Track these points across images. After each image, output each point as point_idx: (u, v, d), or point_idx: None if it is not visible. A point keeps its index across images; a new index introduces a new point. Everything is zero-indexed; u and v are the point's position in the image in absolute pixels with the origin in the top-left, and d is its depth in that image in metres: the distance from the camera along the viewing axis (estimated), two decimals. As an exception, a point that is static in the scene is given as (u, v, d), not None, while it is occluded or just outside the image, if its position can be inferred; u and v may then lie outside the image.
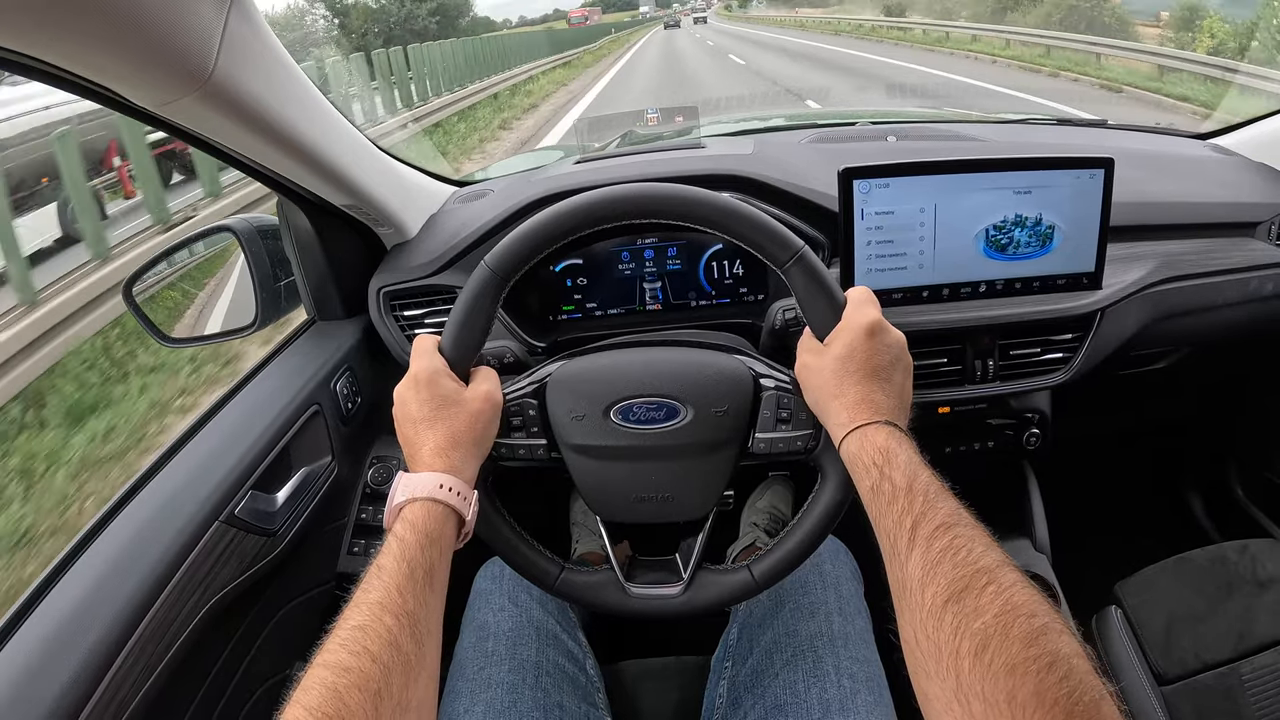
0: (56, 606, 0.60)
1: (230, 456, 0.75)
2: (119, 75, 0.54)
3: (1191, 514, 1.34)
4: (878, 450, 0.52)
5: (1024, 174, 0.79)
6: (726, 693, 0.73)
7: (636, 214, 0.62)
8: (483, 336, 0.62)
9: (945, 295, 0.83)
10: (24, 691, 0.54)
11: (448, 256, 0.92)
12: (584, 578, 0.66)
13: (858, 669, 0.69)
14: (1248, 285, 0.95)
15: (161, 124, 0.62)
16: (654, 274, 0.95)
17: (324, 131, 0.75)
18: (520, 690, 0.69)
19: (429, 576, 0.50)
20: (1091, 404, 1.05)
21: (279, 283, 0.96)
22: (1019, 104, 6.68)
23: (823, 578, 0.77)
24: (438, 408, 0.58)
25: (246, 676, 0.76)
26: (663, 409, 0.63)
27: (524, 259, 0.62)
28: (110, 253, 4.47)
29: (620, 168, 0.98)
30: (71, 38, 0.48)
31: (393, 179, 0.94)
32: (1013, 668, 0.37)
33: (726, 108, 5.65)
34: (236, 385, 0.87)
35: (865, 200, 0.79)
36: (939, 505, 0.47)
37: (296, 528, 0.80)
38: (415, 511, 0.52)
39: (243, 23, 0.59)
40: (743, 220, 0.61)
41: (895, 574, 0.46)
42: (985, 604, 0.40)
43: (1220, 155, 1.09)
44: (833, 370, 0.57)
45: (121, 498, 0.71)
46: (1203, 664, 0.87)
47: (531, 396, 0.65)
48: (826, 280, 0.60)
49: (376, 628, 0.45)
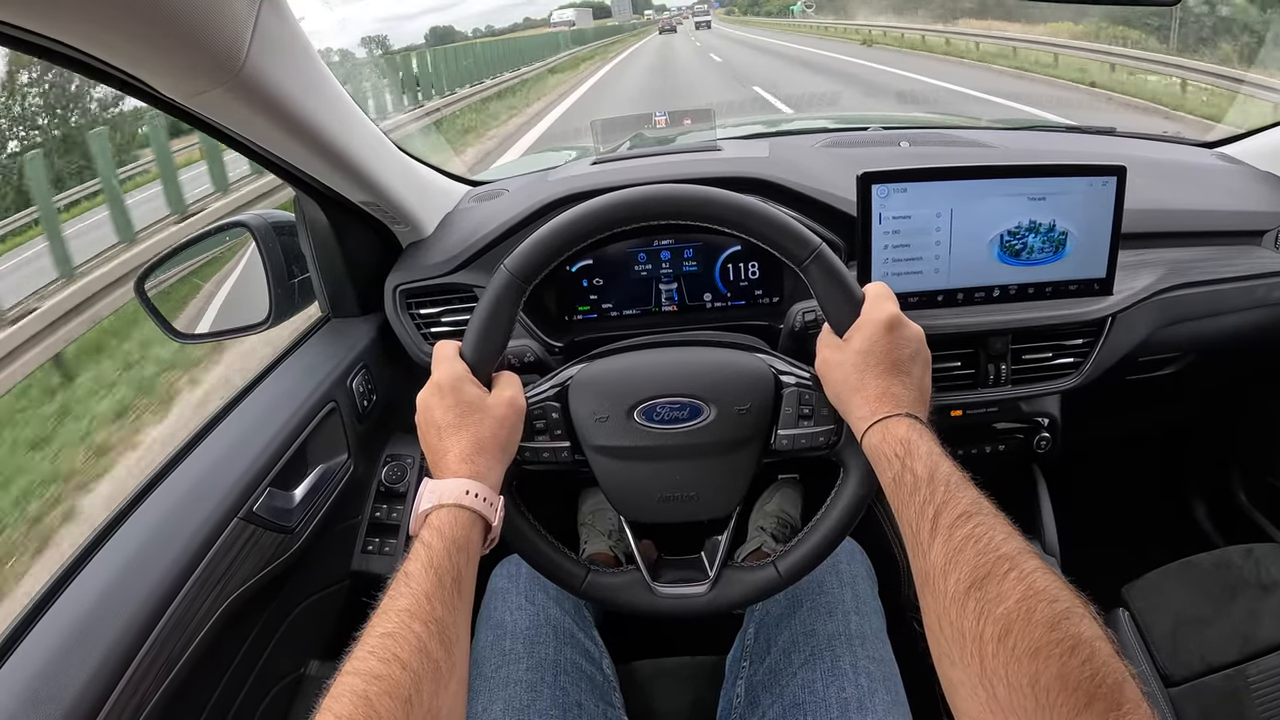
0: (75, 603, 0.60)
1: (248, 453, 0.75)
2: (150, 66, 0.54)
3: (1195, 519, 1.35)
4: (899, 442, 0.52)
5: (1038, 180, 0.80)
6: (744, 692, 0.73)
7: (657, 215, 0.62)
8: (504, 341, 0.62)
9: (960, 299, 0.84)
10: (44, 688, 0.53)
11: (465, 256, 0.92)
12: (610, 579, 0.66)
13: (875, 668, 0.69)
14: (1255, 292, 0.96)
15: (189, 116, 0.62)
16: (670, 275, 0.95)
17: (347, 127, 0.75)
18: (539, 689, 0.69)
19: (457, 583, 0.49)
20: (1100, 409, 1.06)
21: (293, 279, 0.96)
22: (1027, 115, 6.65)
23: (839, 576, 0.78)
24: (462, 414, 0.58)
25: (263, 673, 0.76)
26: (686, 408, 0.63)
27: (545, 262, 0.62)
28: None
29: (637, 169, 0.99)
30: (104, 25, 0.48)
31: (410, 177, 0.94)
32: (1036, 651, 0.38)
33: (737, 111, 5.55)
34: (253, 381, 0.86)
35: (883, 204, 0.79)
36: (960, 495, 0.48)
37: (313, 525, 0.79)
38: (442, 518, 0.52)
39: (274, 16, 0.59)
40: (762, 219, 0.61)
41: (918, 563, 0.47)
42: (1007, 590, 0.41)
43: (1227, 164, 1.11)
44: (853, 365, 0.58)
45: (139, 493, 0.70)
46: (1208, 666, 0.88)
47: (554, 399, 0.65)
48: (845, 276, 0.60)
49: (406, 635, 0.45)
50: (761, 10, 59.69)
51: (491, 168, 1.41)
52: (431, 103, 10.59)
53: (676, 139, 1.24)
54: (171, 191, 5.85)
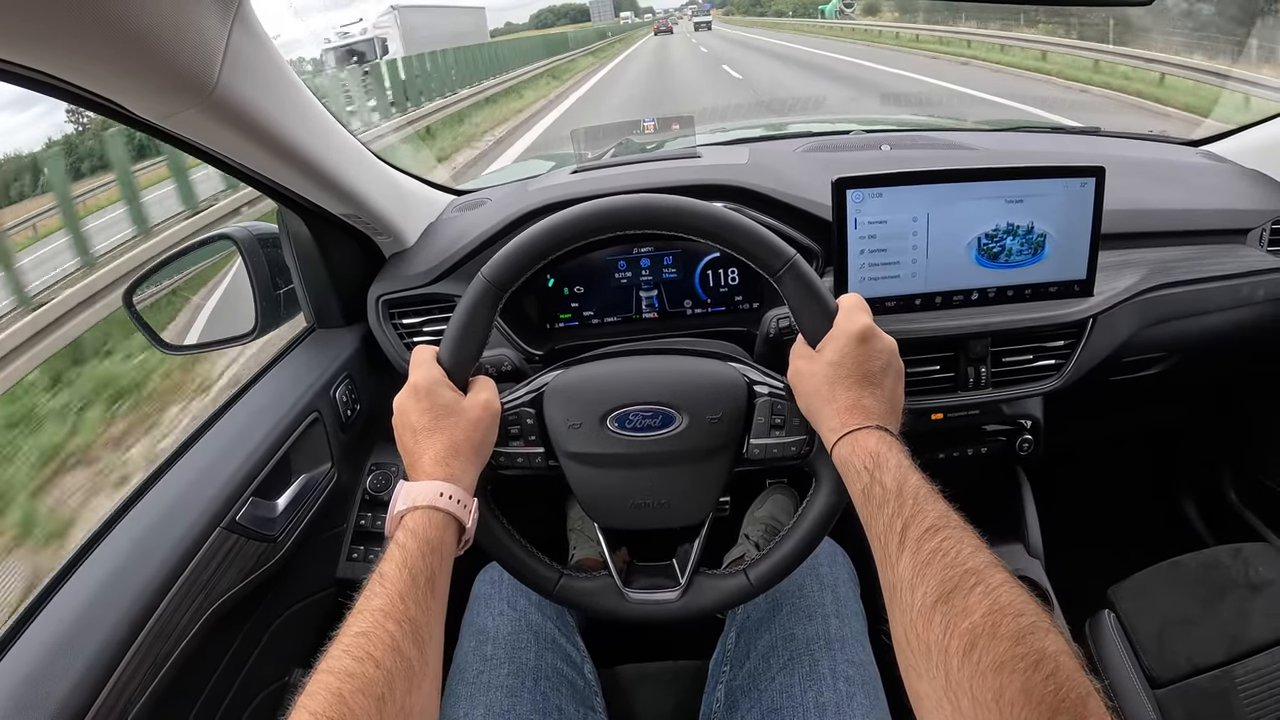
0: (60, 612, 0.61)
1: (231, 463, 0.76)
2: (123, 88, 0.55)
3: (1184, 518, 1.34)
4: (868, 454, 0.53)
5: (1016, 183, 0.80)
6: (724, 697, 0.73)
7: (631, 225, 0.63)
8: (480, 347, 0.63)
9: (938, 303, 0.84)
10: (28, 696, 0.54)
11: (446, 265, 0.93)
12: (582, 584, 0.67)
13: (854, 672, 0.69)
14: (1239, 291, 0.95)
15: (165, 135, 0.63)
16: (650, 282, 0.96)
17: (324, 141, 0.76)
18: (519, 694, 0.70)
19: (430, 583, 0.50)
20: (1084, 410, 1.05)
21: (279, 290, 0.97)
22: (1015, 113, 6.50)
23: (820, 580, 0.78)
24: (437, 417, 0.59)
25: (247, 682, 0.77)
26: (658, 416, 0.64)
27: (520, 270, 0.62)
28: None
29: (617, 177, 0.99)
30: (76, 51, 0.49)
31: (391, 188, 0.95)
32: (1000, 665, 0.38)
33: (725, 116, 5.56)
34: (237, 392, 0.88)
35: (858, 209, 0.79)
36: (928, 508, 0.48)
37: (297, 534, 0.80)
38: (416, 519, 0.53)
39: (245, 36, 0.60)
40: (736, 230, 0.62)
41: (886, 576, 0.47)
42: (973, 604, 0.41)
43: (1212, 162, 1.10)
44: (824, 376, 0.58)
45: (123, 504, 0.71)
46: (1195, 667, 0.88)
47: (529, 405, 0.66)
48: (818, 288, 0.61)
49: (379, 634, 0.45)
50: (769, 9, 56.65)
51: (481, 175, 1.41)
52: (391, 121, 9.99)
53: (658, 146, 1.25)
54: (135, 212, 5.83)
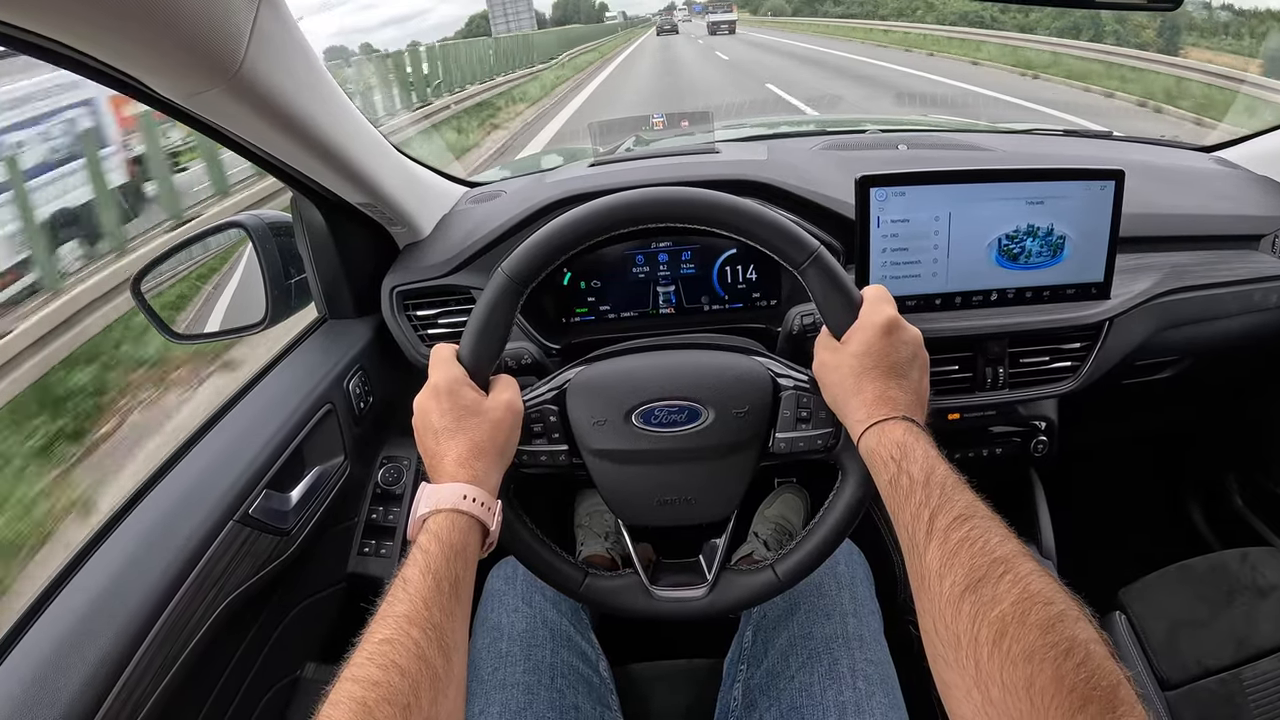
0: (71, 604, 0.59)
1: (244, 455, 0.75)
2: (149, 66, 0.54)
3: (1192, 522, 1.35)
4: (895, 445, 0.52)
5: (1037, 185, 0.80)
6: (741, 695, 0.73)
7: (655, 218, 0.62)
8: (501, 345, 0.62)
9: (957, 303, 0.84)
10: (39, 691, 0.53)
11: (462, 257, 0.92)
12: (608, 582, 0.66)
13: (873, 670, 0.69)
14: (1252, 297, 0.96)
15: (185, 116, 0.62)
16: (668, 278, 0.95)
17: (344, 128, 0.75)
18: (536, 691, 0.69)
19: (454, 589, 0.49)
20: (1097, 413, 1.06)
21: (290, 280, 0.95)
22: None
23: (837, 579, 0.78)
24: (459, 418, 0.58)
25: (259, 676, 0.75)
26: (684, 411, 0.63)
27: (542, 265, 0.61)
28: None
29: (636, 171, 0.99)
30: (102, 26, 0.48)
31: (408, 178, 0.94)
32: (1030, 654, 0.38)
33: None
34: (249, 382, 0.86)
35: (881, 208, 0.79)
36: (956, 497, 0.48)
37: (310, 528, 0.79)
38: (439, 523, 0.52)
39: (272, 16, 0.59)
40: (760, 222, 0.61)
41: (914, 565, 0.47)
42: (1002, 592, 0.41)
43: (1225, 168, 1.11)
44: (850, 368, 0.58)
45: (135, 494, 0.70)
46: (1205, 670, 0.88)
47: (552, 403, 0.65)
48: (843, 279, 0.60)
49: (404, 641, 0.44)
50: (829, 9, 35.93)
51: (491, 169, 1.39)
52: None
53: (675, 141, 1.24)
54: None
